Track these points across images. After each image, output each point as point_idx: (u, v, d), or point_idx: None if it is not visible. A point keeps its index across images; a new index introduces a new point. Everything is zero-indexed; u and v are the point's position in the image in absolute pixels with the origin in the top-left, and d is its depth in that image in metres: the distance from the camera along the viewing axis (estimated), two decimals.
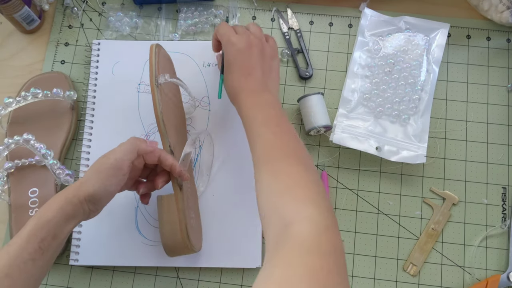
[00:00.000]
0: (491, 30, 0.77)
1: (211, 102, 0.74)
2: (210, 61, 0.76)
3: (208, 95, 0.74)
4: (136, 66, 0.76)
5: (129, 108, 0.74)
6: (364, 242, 0.69)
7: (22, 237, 0.50)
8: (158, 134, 0.64)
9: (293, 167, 0.50)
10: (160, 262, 0.67)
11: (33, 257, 0.49)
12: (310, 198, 0.46)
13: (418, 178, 0.71)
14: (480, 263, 0.67)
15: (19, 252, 0.49)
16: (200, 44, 0.77)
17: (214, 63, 0.75)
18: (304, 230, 0.42)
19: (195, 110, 0.73)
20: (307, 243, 0.41)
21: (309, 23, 0.79)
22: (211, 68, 0.75)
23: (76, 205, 0.53)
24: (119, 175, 0.55)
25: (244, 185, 0.70)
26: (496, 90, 0.75)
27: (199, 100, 0.74)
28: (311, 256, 0.40)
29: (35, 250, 0.49)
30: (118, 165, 0.55)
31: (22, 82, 0.75)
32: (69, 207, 0.52)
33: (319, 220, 0.43)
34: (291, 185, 0.48)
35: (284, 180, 0.49)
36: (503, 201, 0.70)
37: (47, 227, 0.51)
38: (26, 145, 0.65)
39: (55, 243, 0.52)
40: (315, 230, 0.42)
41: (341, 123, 0.71)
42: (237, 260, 0.67)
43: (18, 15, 0.74)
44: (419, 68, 0.72)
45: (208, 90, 0.74)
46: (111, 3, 0.81)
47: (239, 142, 0.71)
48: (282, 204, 0.46)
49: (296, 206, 0.45)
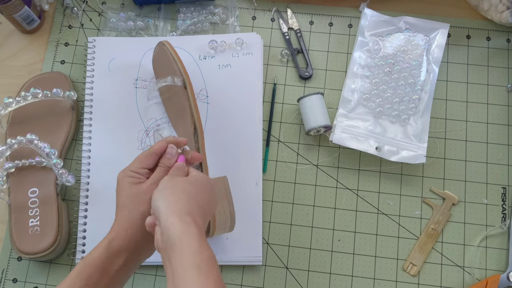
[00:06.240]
0: (491, 30, 0.77)
1: (209, 94, 0.74)
2: (206, 54, 0.76)
3: (206, 87, 0.74)
4: (132, 62, 0.76)
5: (127, 104, 0.74)
6: (364, 242, 0.69)
7: (70, 276, 0.50)
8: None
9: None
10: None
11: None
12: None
13: (418, 178, 0.71)
14: (480, 263, 0.67)
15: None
16: (196, 38, 0.77)
17: (210, 55, 0.76)
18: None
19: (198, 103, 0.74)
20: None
21: (309, 23, 0.79)
22: (207, 61, 0.76)
23: (123, 238, 0.52)
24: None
25: (244, 180, 0.70)
26: (496, 90, 0.75)
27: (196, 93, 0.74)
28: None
29: (82, 287, 0.49)
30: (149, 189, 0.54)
31: (22, 82, 0.75)
32: (115, 242, 0.52)
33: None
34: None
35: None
36: (503, 201, 0.70)
37: (94, 264, 0.50)
38: (30, 145, 0.65)
39: (105, 280, 0.51)
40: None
41: (341, 123, 0.71)
42: (237, 258, 0.67)
43: (18, 15, 0.74)
44: (419, 68, 0.72)
45: (205, 83, 0.75)
46: (111, 3, 0.81)
47: (238, 135, 0.71)
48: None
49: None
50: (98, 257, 0.51)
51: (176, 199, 0.49)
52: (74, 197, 0.71)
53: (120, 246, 0.52)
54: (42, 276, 0.68)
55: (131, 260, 0.53)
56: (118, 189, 0.55)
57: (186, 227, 0.46)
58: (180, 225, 0.46)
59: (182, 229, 0.46)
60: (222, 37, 0.76)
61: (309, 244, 0.69)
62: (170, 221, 0.46)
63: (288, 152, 0.73)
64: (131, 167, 0.56)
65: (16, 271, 0.69)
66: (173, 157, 0.57)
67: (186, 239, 0.45)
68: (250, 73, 0.75)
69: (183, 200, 0.49)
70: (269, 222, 0.70)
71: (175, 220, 0.46)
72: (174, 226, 0.46)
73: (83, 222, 0.69)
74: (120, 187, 0.55)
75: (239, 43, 0.75)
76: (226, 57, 0.76)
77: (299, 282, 0.67)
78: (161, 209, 0.48)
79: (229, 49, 0.76)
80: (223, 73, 0.75)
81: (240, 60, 0.75)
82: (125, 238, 0.52)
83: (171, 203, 0.48)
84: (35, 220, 0.66)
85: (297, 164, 0.72)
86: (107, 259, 0.51)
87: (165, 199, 0.49)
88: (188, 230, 0.46)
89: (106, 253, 0.51)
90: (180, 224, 0.46)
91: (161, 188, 0.50)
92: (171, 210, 0.47)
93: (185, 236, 0.45)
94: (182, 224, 0.46)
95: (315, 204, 0.70)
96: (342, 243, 0.69)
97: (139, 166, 0.56)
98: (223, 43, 0.75)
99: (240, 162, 0.71)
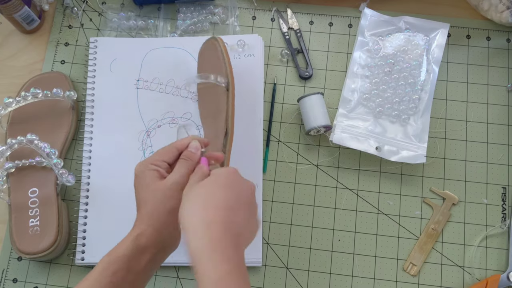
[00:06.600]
0: (491, 30, 0.77)
1: None
2: None
3: None
4: (134, 63, 0.76)
5: (128, 105, 0.74)
6: (364, 242, 0.69)
7: (94, 272, 0.49)
8: (158, 130, 0.65)
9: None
10: None
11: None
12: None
13: (418, 178, 0.71)
14: (480, 263, 0.67)
15: (91, 285, 0.48)
16: (196, 39, 0.77)
17: None
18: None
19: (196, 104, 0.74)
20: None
21: (309, 23, 0.79)
22: None
23: (150, 234, 0.51)
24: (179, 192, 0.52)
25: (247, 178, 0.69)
26: (496, 90, 0.75)
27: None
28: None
29: (107, 284, 0.48)
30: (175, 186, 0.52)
31: (22, 82, 0.75)
32: (141, 238, 0.51)
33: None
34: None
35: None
36: (503, 201, 0.70)
37: (119, 261, 0.49)
38: (30, 145, 0.65)
39: (131, 277, 0.50)
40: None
41: (341, 123, 0.71)
42: None
43: (18, 15, 0.74)
44: (419, 68, 0.72)
45: None
46: (111, 3, 0.81)
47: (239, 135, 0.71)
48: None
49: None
50: (124, 254, 0.50)
51: (205, 216, 0.46)
52: (74, 197, 0.71)
53: (147, 243, 0.51)
54: (42, 276, 0.68)
55: (158, 257, 0.52)
56: (138, 183, 0.53)
57: (210, 253, 0.44)
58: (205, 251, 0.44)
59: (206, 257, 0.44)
60: (224, 39, 0.76)
61: (309, 244, 0.69)
62: (194, 245, 0.44)
63: (288, 152, 0.73)
64: (150, 160, 0.54)
65: (16, 271, 0.69)
66: (197, 151, 0.55)
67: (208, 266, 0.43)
68: (251, 75, 0.75)
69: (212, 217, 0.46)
70: (269, 222, 0.70)
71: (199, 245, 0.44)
72: (198, 250, 0.44)
73: (83, 222, 0.69)
74: (140, 180, 0.53)
75: (241, 45, 0.75)
76: None
77: (299, 282, 0.67)
78: (191, 218, 0.46)
79: (230, 51, 0.75)
80: None
81: (242, 62, 0.75)
82: (152, 234, 0.51)
83: (200, 220, 0.46)
84: (35, 220, 0.66)
85: (297, 164, 0.72)
86: (133, 256, 0.50)
87: (198, 210, 0.46)
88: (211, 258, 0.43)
89: (132, 250, 0.50)
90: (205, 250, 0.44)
91: (191, 199, 0.48)
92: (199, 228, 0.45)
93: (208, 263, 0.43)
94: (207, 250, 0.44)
95: (315, 204, 0.70)
96: (342, 243, 0.69)
97: (159, 158, 0.54)
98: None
99: (240, 162, 0.71)
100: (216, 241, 0.44)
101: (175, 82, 0.75)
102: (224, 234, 0.45)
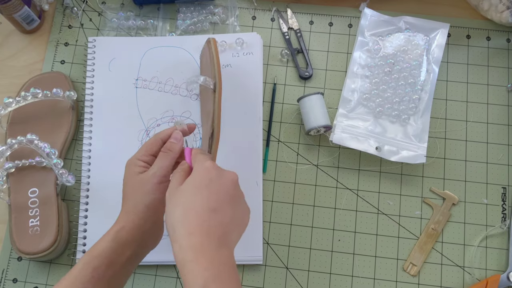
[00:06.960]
0: (491, 30, 0.77)
1: None
2: None
3: None
4: (132, 62, 0.76)
5: (127, 104, 0.74)
6: (364, 242, 0.69)
7: (75, 269, 0.49)
8: (158, 129, 0.66)
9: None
10: (162, 257, 0.67)
11: (86, 287, 0.48)
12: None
13: (418, 178, 0.71)
14: (480, 263, 0.67)
15: (73, 281, 0.48)
16: (196, 38, 0.77)
17: None
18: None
19: (195, 102, 0.74)
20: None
21: (309, 23, 0.79)
22: None
23: (131, 229, 0.51)
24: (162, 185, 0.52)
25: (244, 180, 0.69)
26: (496, 90, 0.75)
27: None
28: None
29: (88, 279, 0.48)
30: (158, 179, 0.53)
31: (22, 82, 0.75)
32: (122, 233, 0.51)
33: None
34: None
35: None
36: (503, 201, 0.70)
37: (101, 256, 0.50)
38: (30, 145, 0.65)
39: (113, 271, 0.50)
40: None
41: (341, 123, 0.71)
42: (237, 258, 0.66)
43: (18, 15, 0.74)
44: (419, 68, 0.72)
45: None
46: (111, 3, 0.81)
47: (238, 134, 0.71)
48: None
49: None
50: (105, 248, 0.50)
51: (190, 217, 0.45)
52: (74, 197, 0.71)
53: (127, 238, 0.51)
54: (42, 276, 0.68)
55: (138, 251, 0.52)
56: (124, 177, 0.54)
57: (195, 256, 0.44)
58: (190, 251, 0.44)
59: (190, 257, 0.44)
60: (222, 37, 0.76)
61: (309, 244, 0.69)
62: (178, 246, 0.44)
63: (288, 152, 0.73)
64: (137, 155, 0.55)
65: (16, 271, 0.69)
66: (178, 141, 0.55)
67: (191, 267, 0.43)
68: (250, 73, 0.75)
69: (195, 216, 0.45)
70: (269, 222, 0.70)
71: (184, 248, 0.44)
72: (183, 250, 0.44)
73: (83, 222, 0.69)
74: (125, 175, 0.54)
75: (240, 43, 0.75)
76: (226, 57, 0.76)
77: (299, 282, 0.67)
78: (174, 228, 0.45)
79: (229, 49, 0.76)
80: (224, 73, 0.74)
81: (241, 60, 0.75)
82: (133, 229, 0.51)
83: (184, 222, 0.45)
84: (35, 220, 0.66)
85: (297, 164, 0.72)
86: (114, 251, 0.50)
87: (179, 219, 0.46)
88: (195, 259, 0.43)
89: (113, 244, 0.50)
90: (190, 250, 0.44)
91: (172, 207, 0.47)
92: (183, 232, 0.45)
93: (191, 265, 0.43)
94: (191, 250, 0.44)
95: (315, 204, 0.70)
96: (342, 243, 0.69)
97: (145, 153, 0.55)
98: (223, 43, 0.75)
99: (240, 162, 0.71)
100: (198, 251, 0.44)
101: (174, 81, 0.75)
102: (207, 240, 0.44)
